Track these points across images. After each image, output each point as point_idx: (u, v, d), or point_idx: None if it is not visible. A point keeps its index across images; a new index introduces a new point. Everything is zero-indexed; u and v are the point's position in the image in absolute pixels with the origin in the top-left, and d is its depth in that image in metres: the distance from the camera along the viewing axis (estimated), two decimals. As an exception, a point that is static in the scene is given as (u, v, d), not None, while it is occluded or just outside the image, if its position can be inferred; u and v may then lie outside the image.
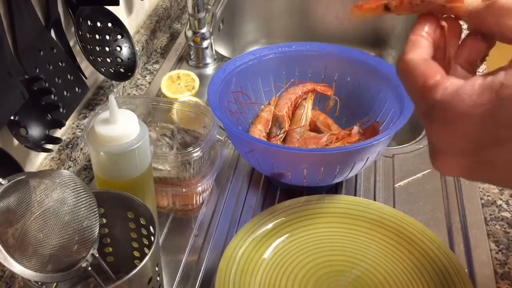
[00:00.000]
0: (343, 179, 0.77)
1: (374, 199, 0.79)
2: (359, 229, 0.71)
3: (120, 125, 0.61)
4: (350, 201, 0.74)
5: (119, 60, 0.92)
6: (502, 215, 0.76)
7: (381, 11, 0.44)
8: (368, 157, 0.72)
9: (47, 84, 0.74)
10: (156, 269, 0.58)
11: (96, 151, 0.63)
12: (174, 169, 0.75)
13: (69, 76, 0.80)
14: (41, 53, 0.75)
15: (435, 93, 0.38)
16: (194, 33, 1.09)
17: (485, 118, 0.37)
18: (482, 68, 0.88)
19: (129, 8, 1.08)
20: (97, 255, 0.56)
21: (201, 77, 1.03)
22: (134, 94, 1.03)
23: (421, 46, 0.41)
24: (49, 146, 0.73)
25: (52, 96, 0.74)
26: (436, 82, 0.38)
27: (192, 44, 1.10)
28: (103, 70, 0.89)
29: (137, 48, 1.00)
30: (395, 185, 0.82)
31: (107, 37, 0.91)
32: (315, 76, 0.89)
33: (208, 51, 1.11)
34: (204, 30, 1.09)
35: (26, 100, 0.66)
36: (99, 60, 0.89)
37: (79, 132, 0.86)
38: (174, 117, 0.82)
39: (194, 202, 0.79)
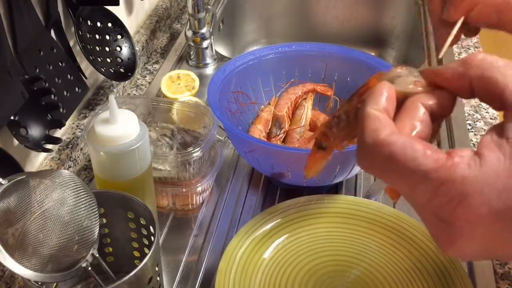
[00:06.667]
0: (343, 179, 0.77)
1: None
2: (359, 229, 0.71)
3: (120, 125, 0.61)
4: (350, 201, 0.74)
5: (119, 60, 0.92)
6: (502, 215, 0.76)
7: (326, 158, 0.40)
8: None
9: (47, 84, 0.74)
10: (156, 269, 0.58)
11: (96, 151, 0.63)
12: (174, 169, 0.75)
13: (69, 76, 0.80)
14: (41, 53, 0.75)
15: (456, 170, 0.30)
16: (194, 33, 1.09)
17: None
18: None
19: (129, 8, 1.08)
20: (97, 255, 0.56)
21: (201, 77, 1.03)
22: (134, 94, 1.03)
23: (390, 122, 0.33)
24: (49, 146, 0.73)
25: (52, 96, 0.74)
26: (452, 161, 0.31)
27: (192, 44, 1.10)
28: (103, 70, 0.89)
29: (137, 48, 1.00)
30: (395, 185, 0.82)
31: (107, 37, 0.91)
32: (315, 76, 0.89)
33: (208, 51, 1.11)
34: (204, 30, 1.09)
35: (26, 100, 0.66)
36: (99, 60, 0.89)
37: (79, 132, 0.86)
38: (174, 117, 0.82)
39: (194, 202, 0.79)
